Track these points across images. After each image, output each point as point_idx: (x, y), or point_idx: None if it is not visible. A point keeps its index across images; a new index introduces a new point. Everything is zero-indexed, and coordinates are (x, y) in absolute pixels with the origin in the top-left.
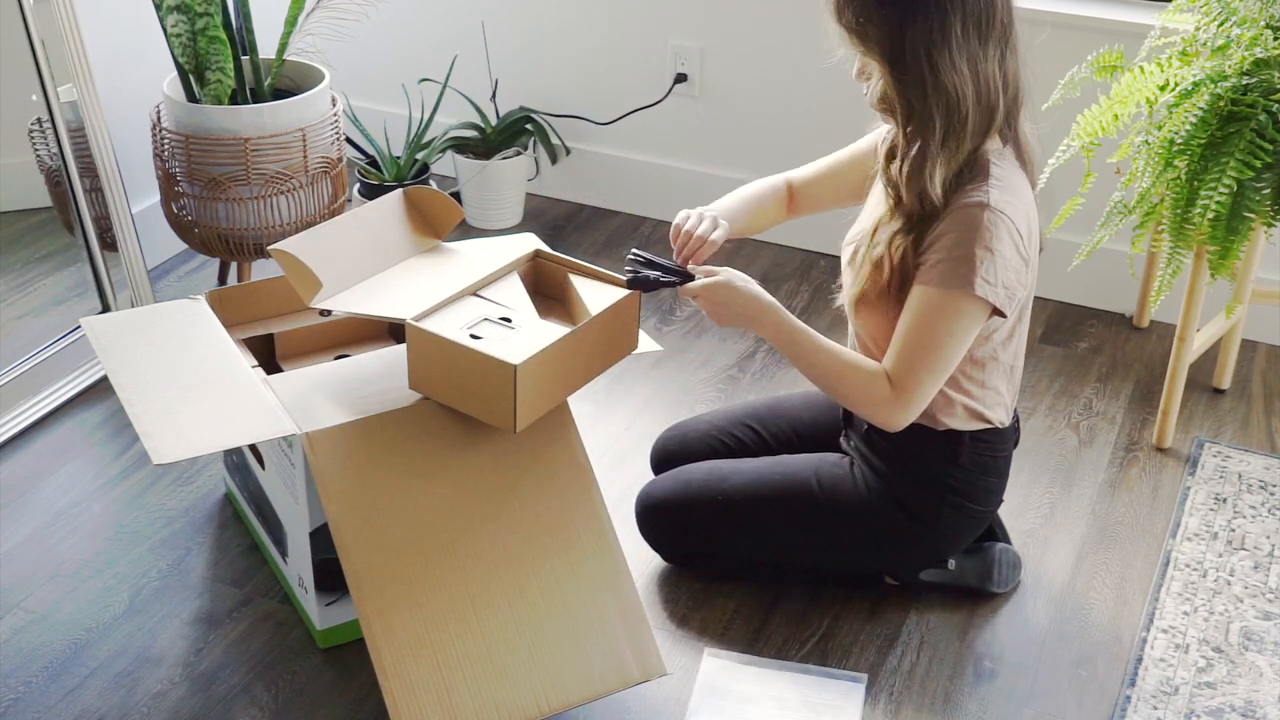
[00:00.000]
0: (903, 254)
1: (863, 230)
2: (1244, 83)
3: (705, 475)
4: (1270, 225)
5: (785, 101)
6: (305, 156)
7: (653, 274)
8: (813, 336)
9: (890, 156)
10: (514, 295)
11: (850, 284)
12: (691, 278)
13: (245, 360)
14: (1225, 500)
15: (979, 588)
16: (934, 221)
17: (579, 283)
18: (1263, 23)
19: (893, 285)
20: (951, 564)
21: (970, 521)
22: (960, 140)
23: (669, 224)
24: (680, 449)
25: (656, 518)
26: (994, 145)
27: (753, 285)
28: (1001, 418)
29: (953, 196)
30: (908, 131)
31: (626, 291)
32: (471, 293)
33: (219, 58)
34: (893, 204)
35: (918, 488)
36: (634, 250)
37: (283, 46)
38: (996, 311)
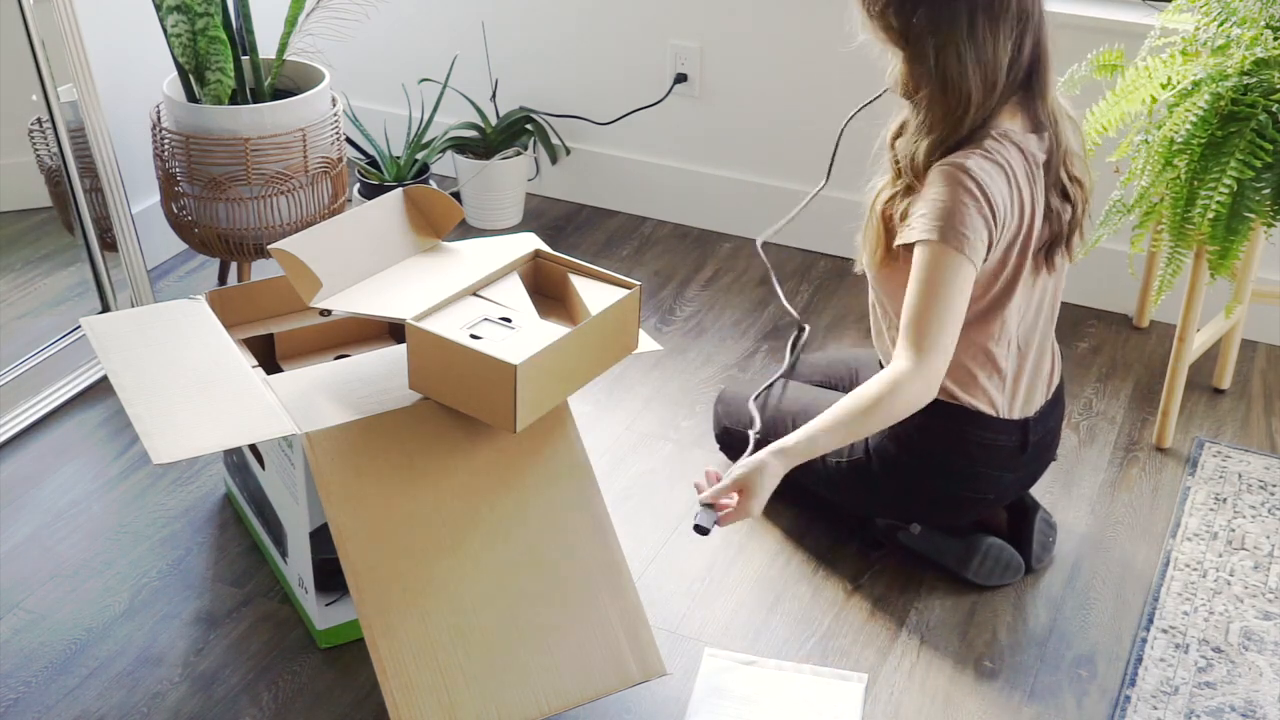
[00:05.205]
0: (903, 216)
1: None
2: (1244, 83)
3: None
4: (1270, 225)
5: (785, 101)
6: (305, 156)
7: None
8: (821, 423)
9: (898, 134)
10: (514, 295)
11: (862, 249)
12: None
13: (245, 360)
14: (1225, 500)
15: (955, 571)
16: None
17: (579, 283)
18: (1263, 23)
19: (895, 245)
20: (915, 528)
21: (929, 479)
22: (959, 120)
23: (669, 224)
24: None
25: (720, 409)
26: (1007, 120)
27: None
28: (984, 406)
29: (939, 160)
30: (914, 110)
31: (626, 291)
32: (471, 293)
33: (219, 58)
34: (894, 174)
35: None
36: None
37: (283, 46)
38: (969, 259)
